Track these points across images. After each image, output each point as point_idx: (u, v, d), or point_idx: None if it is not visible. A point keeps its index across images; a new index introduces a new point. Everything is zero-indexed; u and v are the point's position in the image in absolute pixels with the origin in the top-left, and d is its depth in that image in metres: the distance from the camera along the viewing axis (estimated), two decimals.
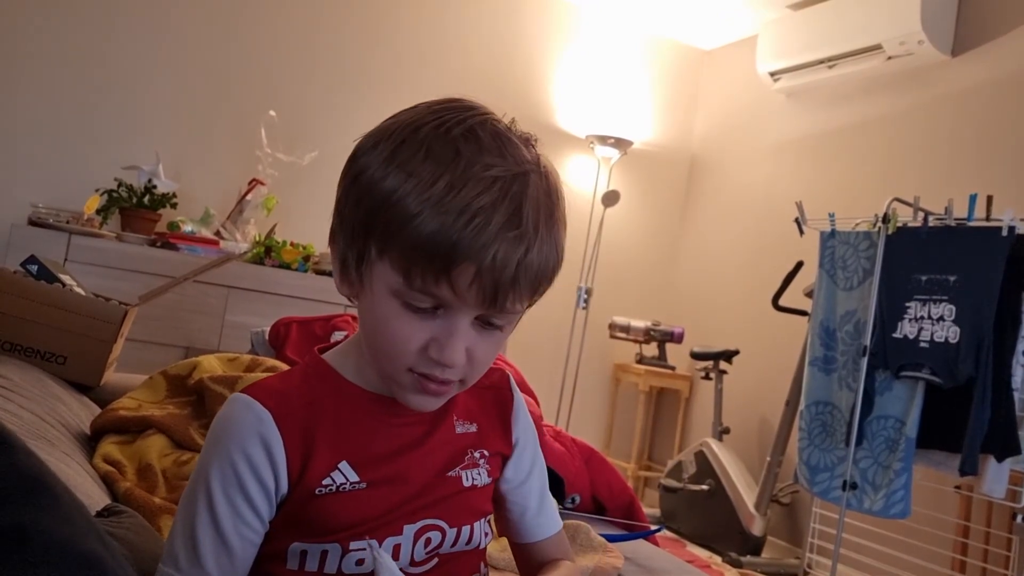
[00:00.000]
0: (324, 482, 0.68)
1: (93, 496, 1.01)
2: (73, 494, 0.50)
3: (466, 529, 0.74)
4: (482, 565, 0.79)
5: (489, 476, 0.78)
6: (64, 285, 1.56)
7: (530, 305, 0.71)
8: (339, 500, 0.68)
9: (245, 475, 0.67)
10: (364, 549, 0.68)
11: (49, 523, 0.44)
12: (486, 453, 0.78)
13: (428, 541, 0.71)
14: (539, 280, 0.67)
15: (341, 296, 0.77)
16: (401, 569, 0.67)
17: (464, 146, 0.64)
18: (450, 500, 0.73)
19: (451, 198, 0.62)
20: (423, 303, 0.65)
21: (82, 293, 1.59)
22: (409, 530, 0.70)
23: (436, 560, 0.73)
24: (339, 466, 0.69)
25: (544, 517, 0.85)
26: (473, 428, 0.78)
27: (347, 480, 0.69)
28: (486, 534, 0.78)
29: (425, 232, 0.62)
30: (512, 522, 0.84)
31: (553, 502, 0.88)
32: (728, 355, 3.71)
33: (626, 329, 4.05)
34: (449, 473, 0.74)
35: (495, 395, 0.82)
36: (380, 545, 0.69)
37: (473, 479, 0.76)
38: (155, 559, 0.74)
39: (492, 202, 0.63)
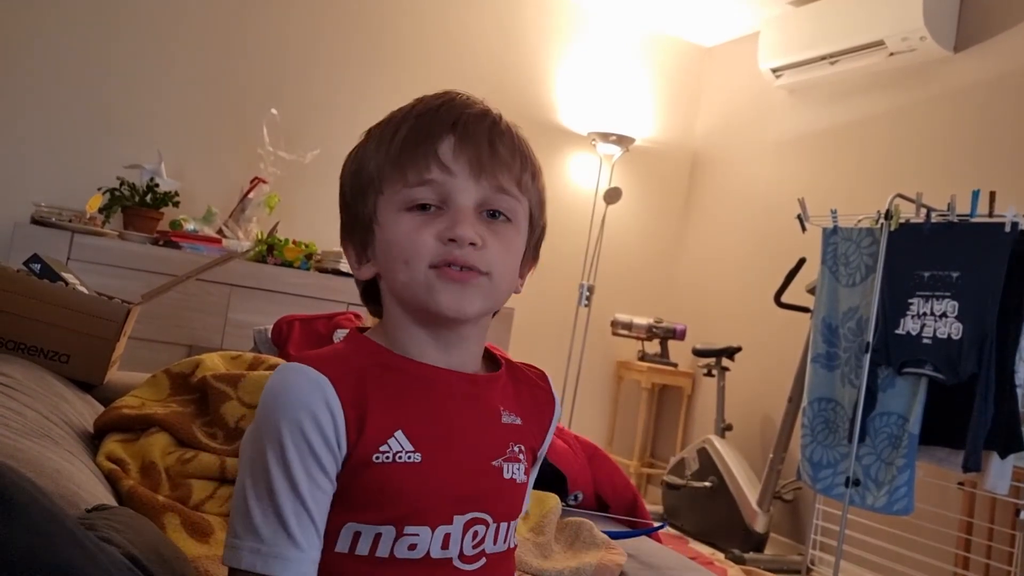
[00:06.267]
0: (381, 448, 0.68)
1: (96, 494, 1.01)
2: (49, 500, 0.49)
3: (504, 526, 0.74)
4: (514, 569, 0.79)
5: (525, 475, 0.78)
6: (67, 284, 1.56)
7: (532, 225, 0.78)
8: (395, 470, 0.68)
9: (313, 437, 0.66)
10: (417, 535, 0.68)
11: (11, 533, 0.44)
12: (524, 449, 0.78)
13: (475, 534, 0.72)
14: (517, 156, 0.74)
15: (344, 294, 0.78)
16: (453, 566, 0.68)
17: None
18: (493, 492, 0.74)
19: (420, 108, 0.75)
20: (425, 196, 0.72)
21: (85, 292, 1.59)
22: (459, 521, 0.70)
23: (484, 560, 0.73)
24: (395, 434, 0.69)
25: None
26: (518, 421, 0.78)
27: (403, 448, 0.69)
28: (514, 534, 0.78)
29: (405, 135, 0.73)
30: None
31: None
32: (730, 352, 3.70)
33: (628, 326, 4.05)
34: (493, 462, 0.74)
35: (537, 393, 0.83)
36: (432, 533, 0.69)
37: (513, 473, 0.76)
38: (155, 543, 0.73)
39: (454, 97, 0.75)
